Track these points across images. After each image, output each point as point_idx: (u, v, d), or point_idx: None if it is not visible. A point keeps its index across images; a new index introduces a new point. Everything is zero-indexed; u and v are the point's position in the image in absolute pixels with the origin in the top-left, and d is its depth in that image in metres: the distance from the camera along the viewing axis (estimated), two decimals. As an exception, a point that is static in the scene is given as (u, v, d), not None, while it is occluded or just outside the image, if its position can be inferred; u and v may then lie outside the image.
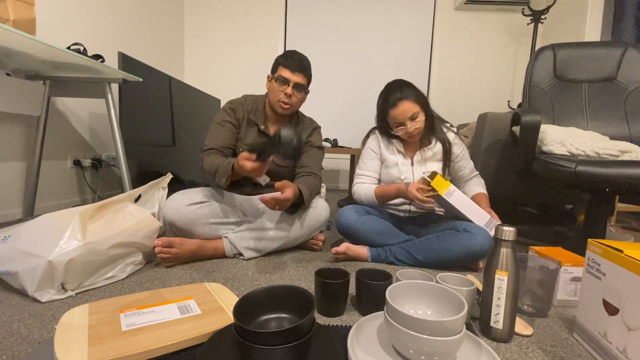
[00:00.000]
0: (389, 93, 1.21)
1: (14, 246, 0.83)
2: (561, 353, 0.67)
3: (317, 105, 3.40)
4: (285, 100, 1.23)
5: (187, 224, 1.12)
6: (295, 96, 1.24)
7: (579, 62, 1.55)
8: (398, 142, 1.28)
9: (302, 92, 1.26)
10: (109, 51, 2.20)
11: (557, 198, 1.82)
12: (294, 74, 1.21)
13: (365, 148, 1.33)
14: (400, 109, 1.17)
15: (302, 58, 1.24)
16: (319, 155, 1.35)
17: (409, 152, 1.29)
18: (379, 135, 1.31)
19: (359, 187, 1.30)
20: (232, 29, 3.31)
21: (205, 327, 0.65)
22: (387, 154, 1.29)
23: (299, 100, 1.28)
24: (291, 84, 1.21)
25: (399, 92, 1.19)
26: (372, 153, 1.31)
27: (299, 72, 1.21)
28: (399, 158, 1.27)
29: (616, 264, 0.62)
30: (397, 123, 1.20)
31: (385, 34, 3.29)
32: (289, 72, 1.21)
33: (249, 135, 1.28)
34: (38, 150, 1.62)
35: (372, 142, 1.32)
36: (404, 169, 1.26)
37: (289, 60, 1.21)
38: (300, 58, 1.23)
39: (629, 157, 1.18)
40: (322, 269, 0.84)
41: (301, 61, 1.23)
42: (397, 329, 0.53)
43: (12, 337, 0.66)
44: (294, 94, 1.23)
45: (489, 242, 1.07)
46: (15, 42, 1.13)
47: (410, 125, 1.18)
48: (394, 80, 1.26)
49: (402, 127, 1.20)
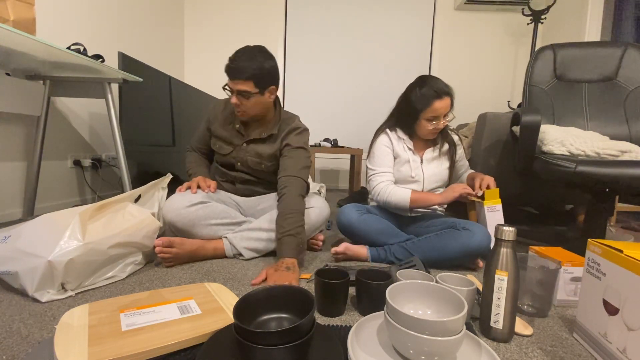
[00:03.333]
0: (436, 83, 1.17)
1: (14, 246, 0.83)
2: (561, 353, 0.67)
3: (317, 105, 3.40)
4: (237, 109, 1.16)
5: (187, 226, 1.12)
6: (243, 103, 1.14)
7: (579, 62, 1.55)
8: (408, 139, 1.28)
9: (251, 97, 1.12)
10: (109, 51, 2.20)
11: (557, 198, 1.81)
12: (233, 81, 1.11)
13: (377, 145, 1.28)
14: (445, 102, 1.16)
15: (239, 59, 1.09)
16: (299, 156, 1.21)
17: (418, 151, 1.29)
18: (389, 133, 1.29)
19: (385, 187, 1.21)
20: (232, 29, 3.31)
21: (205, 327, 0.65)
22: (399, 151, 1.27)
23: (253, 104, 1.14)
24: (234, 93, 1.13)
25: (445, 87, 1.17)
26: (387, 149, 1.27)
27: (235, 79, 1.10)
28: (410, 155, 1.26)
29: (616, 264, 0.62)
30: (433, 117, 1.18)
31: (385, 33, 3.30)
32: (229, 80, 1.12)
33: (225, 132, 1.26)
34: (38, 150, 1.62)
35: (384, 138, 1.28)
36: (415, 166, 1.26)
37: (228, 65, 1.10)
38: (238, 59, 1.09)
39: (629, 157, 1.18)
40: (322, 269, 0.84)
41: (237, 64, 1.09)
42: (397, 329, 0.53)
43: (12, 337, 0.65)
44: (240, 101, 1.13)
45: (488, 240, 1.07)
46: (15, 42, 1.13)
47: (442, 122, 1.19)
48: (432, 75, 1.22)
49: (435, 122, 1.19)
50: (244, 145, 1.24)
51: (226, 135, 1.26)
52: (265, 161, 1.25)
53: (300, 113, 3.41)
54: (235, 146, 1.25)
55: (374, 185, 1.24)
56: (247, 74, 1.09)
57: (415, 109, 1.20)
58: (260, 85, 1.12)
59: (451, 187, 1.20)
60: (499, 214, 1.16)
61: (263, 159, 1.24)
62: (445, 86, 1.18)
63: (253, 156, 1.24)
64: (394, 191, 1.20)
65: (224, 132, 1.26)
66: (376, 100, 3.35)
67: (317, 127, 3.42)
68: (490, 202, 1.16)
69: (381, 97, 3.34)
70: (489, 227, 1.14)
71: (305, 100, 3.40)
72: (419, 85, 1.20)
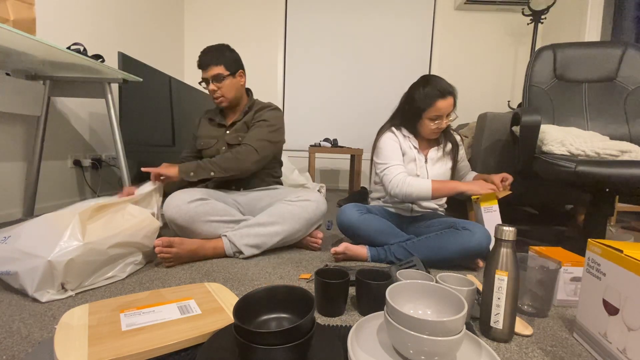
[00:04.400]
0: (440, 83, 1.17)
1: (14, 246, 0.83)
2: (561, 353, 0.67)
3: (317, 106, 3.40)
4: (215, 96, 1.31)
5: (187, 222, 1.12)
6: (220, 87, 1.29)
7: (579, 62, 1.55)
8: (414, 138, 1.28)
9: (224, 80, 1.29)
10: (109, 51, 2.20)
11: (557, 198, 1.81)
12: (205, 71, 1.28)
13: (384, 140, 1.26)
14: (448, 102, 1.16)
15: (207, 51, 1.29)
16: (260, 128, 1.31)
17: (423, 150, 1.29)
18: (395, 130, 1.28)
19: (403, 178, 1.17)
20: (232, 29, 3.31)
21: (205, 327, 0.65)
22: (406, 148, 1.26)
23: (228, 86, 1.30)
24: (210, 80, 1.29)
25: (449, 86, 1.17)
26: (395, 144, 1.25)
27: (207, 67, 1.27)
28: (415, 154, 1.26)
29: (616, 264, 0.62)
30: (436, 116, 1.18)
31: (385, 33, 3.29)
32: (202, 72, 1.30)
33: (208, 130, 1.40)
34: (38, 150, 1.62)
35: (390, 135, 1.27)
36: (420, 165, 1.25)
37: (200, 59, 1.29)
38: (206, 52, 1.29)
39: (629, 157, 1.18)
40: (322, 269, 0.84)
41: (206, 55, 1.28)
42: (397, 329, 0.53)
43: (12, 337, 0.66)
44: (216, 86, 1.29)
45: (488, 240, 1.07)
46: (15, 42, 1.13)
47: (444, 122, 1.19)
48: (435, 75, 1.22)
49: (438, 122, 1.19)
50: (227, 133, 1.36)
51: (209, 131, 1.39)
52: (243, 135, 1.35)
53: (301, 113, 3.41)
54: (218, 138, 1.37)
55: (391, 178, 1.19)
56: (218, 59, 1.28)
57: (418, 108, 1.20)
58: (230, 69, 1.29)
59: (480, 182, 1.18)
60: (496, 214, 1.16)
61: (240, 134, 1.35)
62: (449, 86, 1.18)
63: (233, 137, 1.34)
64: (414, 182, 1.16)
65: (206, 131, 1.40)
66: (376, 101, 3.35)
67: (317, 127, 3.42)
68: (487, 203, 1.17)
69: (381, 97, 3.34)
70: (487, 227, 1.14)
71: (305, 100, 3.40)
72: (422, 85, 1.19)
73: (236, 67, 1.31)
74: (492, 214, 1.17)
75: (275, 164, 1.46)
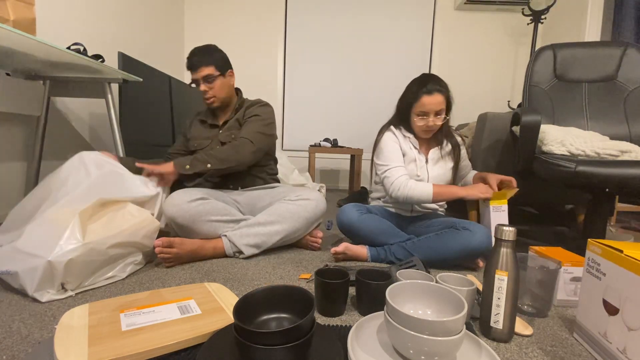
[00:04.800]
0: (428, 81, 1.19)
1: (14, 246, 0.83)
2: (561, 353, 0.67)
3: (317, 105, 3.40)
4: (206, 97, 1.32)
5: (188, 221, 1.13)
6: (211, 88, 1.30)
7: (578, 62, 1.55)
8: (413, 138, 1.28)
9: (215, 80, 1.30)
10: (109, 51, 2.20)
11: (557, 198, 1.81)
12: (195, 72, 1.29)
13: (385, 140, 1.26)
14: (434, 99, 1.17)
15: (195, 53, 1.29)
16: (254, 122, 1.33)
17: (423, 150, 1.29)
18: (394, 130, 1.28)
19: (405, 181, 1.18)
20: (232, 29, 3.31)
21: (205, 327, 0.65)
22: (406, 149, 1.26)
23: (219, 86, 1.31)
24: (201, 82, 1.29)
25: (438, 84, 1.18)
26: (395, 144, 1.25)
27: (198, 68, 1.28)
28: (416, 154, 1.26)
29: (616, 264, 0.62)
30: (422, 112, 1.19)
31: (385, 33, 3.29)
32: (192, 73, 1.30)
33: (200, 132, 1.40)
34: (38, 150, 1.62)
35: (390, 135, 1.27)
36: (420, 166, 1.25)
37: (189, 61, 1.29)
38: (195, 53, 1.29)
39: (629, 157, 1.17)
40: (322, 269, 0.84)
41: (195, 56, 1.28)
42: (397, 329, 0.53)
43: (12, 337, 0.66)
44: (207, 87, 1.30)
45: (488, 240, 1.07)
46: (15, 42, 1.13)
47: (432, 120, 1.19)
48: (431, 73, 1.24)
49: (424, 118, 1.19)
50: (220, 132, 1.37)
51: (202, 132, 1.39)
52: (236, 132, 1.35)
53: (301, 113, 3.41)
54: (212, 138, 1.37)
55: (393, 180, 1.19)
56: (208, 60, 1.28)
57: (408, 103, 1.23)
58: (220, 69, 1.31)
59: (477, 186, 1.18)
60: (504, 215, 1.16)
61: (233, 132, 1.35)
62: (439, 84, 1.18)
63: (227, 136, 1.35)
64: (415, 186, 1.17)
65: (199, 132, 1.40)
66: (376, 101, 3.35)
67: (317, 127, 3.42)
68: (497, 202, 1.16)
69: (381, 97, 3.33)
70: (493, 227, 1.13)
71: (306, 100, 3.40)
72: (415, 81, 1.23)
73: (226, 66, 1.33)
74: (501, 213, 1.16)
75: (269, 160, 1.45)
